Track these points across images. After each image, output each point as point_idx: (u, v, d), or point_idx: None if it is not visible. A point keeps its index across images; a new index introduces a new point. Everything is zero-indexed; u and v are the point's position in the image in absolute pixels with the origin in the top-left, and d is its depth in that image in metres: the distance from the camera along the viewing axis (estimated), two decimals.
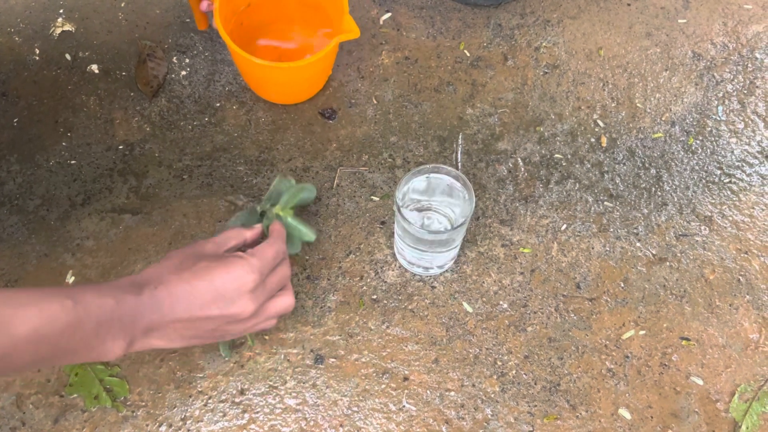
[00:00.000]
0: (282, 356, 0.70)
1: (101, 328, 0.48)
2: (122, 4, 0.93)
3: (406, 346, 0.71)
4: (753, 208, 0.81)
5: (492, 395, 0.69)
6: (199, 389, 0.68)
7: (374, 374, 0.70)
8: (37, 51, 0.88)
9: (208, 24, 0.86)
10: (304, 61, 0.74)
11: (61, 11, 0.92)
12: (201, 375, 0.69)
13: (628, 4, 0.96)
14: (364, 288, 0.74)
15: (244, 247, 0.63)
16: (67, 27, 0.91)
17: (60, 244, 0.75)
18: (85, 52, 0.88)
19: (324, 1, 0.82)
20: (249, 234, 0.63)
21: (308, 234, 0.70)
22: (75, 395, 0.68)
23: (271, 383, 0.69)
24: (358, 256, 0.76)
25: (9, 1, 0.93)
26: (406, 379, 0.70)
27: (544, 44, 0.92)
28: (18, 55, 0.88)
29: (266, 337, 0.71)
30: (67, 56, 0.88)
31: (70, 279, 0.73)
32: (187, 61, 0.88)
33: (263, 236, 0.66)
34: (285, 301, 0.60)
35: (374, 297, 0.74)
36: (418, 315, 0.73)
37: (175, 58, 0.88)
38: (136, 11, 0.92)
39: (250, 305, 0.55)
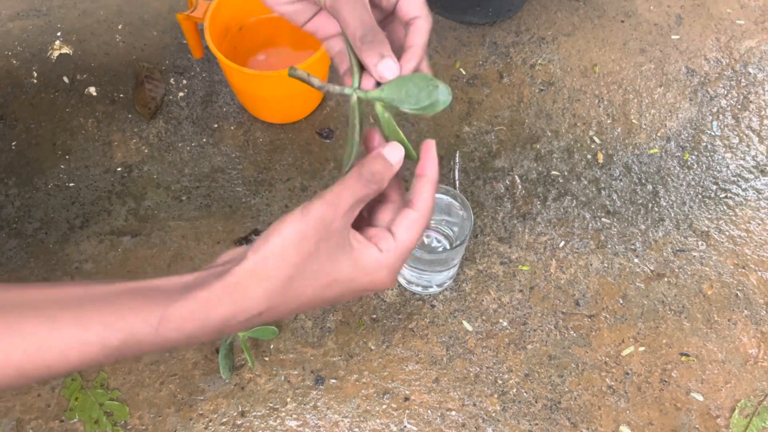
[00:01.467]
0: (282, 378, 0.70)
1: (171, 347, 0.39)
2: (120, 27, 0.93)
3: (407, 366, 0.71)
4: (749, 222, 0.81)
5: (493, 414, 0.69)
6: (200, 412, 0.68)
7: (375, 394, 0.70)
8: (35, 74, 0.89)
9: (203, 52, 0.86)
10: None
11: (59, 34, 0.92)
12: (201, 397, 0.69)
13: (622, 21, 0.97)
14: (364, 308, 0.74)
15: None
16: (65, 50, 0.91)
17: (59, 267, 0.75)
18: (83, 74, 0.89)
19: None
20: (376, 187, 0.42)
21: (443, 95, 0.43)
22: (75, 420, 0.67)
23: (271, 405, 0.69)
24: None
25: (6, 25, 0.93)
26: (406, 399, 0.69)
27: (539, 62, 0.92)
28: (16, 78, 0.88)
29: (266, 359, 0.71)
30: (65, 79, 0.88)
31: None
32: (185, 82, 0.89)
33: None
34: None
35: (374, 317, 0.74)
36: (418, 334, 0.73)
37: (172, 79, 0.89)
38: (133, 33, 0.93)
39: (387, 287, 0.43)
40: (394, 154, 0.43)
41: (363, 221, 0.45)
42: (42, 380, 0.38)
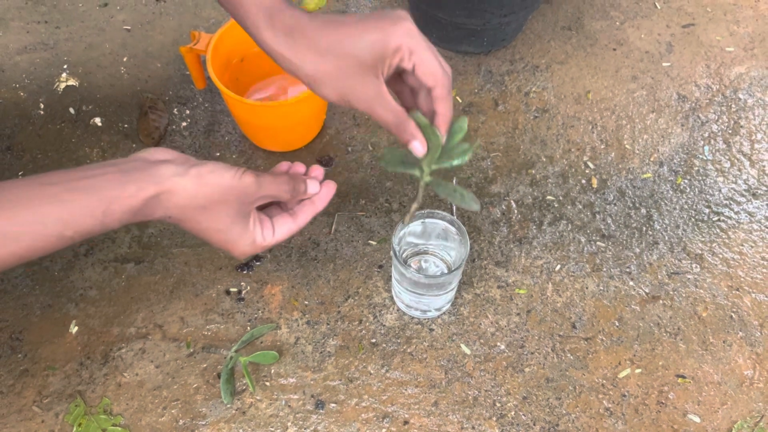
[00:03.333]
0: (283, 402, 0.71)
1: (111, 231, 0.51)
2: (125, 59, 0.96)
3: (406, 390, 0.72)
4: (742, 245, 0.82)
5: None
6: None
7: (375, 418, 0.70)
8: (42, 105, 0.91)
9: (206, 83, 0.89)
10: (294, 100, 0.77)
11: (66, 66, 0.95)
12: (203, 422, 0.70)
13: (614, 49, 0.99)
14: (363, 332, 0.75)
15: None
16: (71, 82, 0.93)
17: (63, 294, 0.77)
18: (89, 105, 0.91)
19: None
20: (288, 196, 0.56)
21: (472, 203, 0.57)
22: None
23: (272, 429, 0.70)
24: (356, 300, 0.77)
25: (14, 58, 0.96)
26: (406, 422, 0.70)
27: (533, 89, 0.94)
28: (23, 109, 0.90)
29: (267, 384, 0.72)
30: (71, 110, 0.91)
31: (74, 329, 0.74)
32: (188, 112, 0.91)
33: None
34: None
35: (373, 341, 0.75)
36: (417, 358, 0.74)
37: (175, 109, 0.91)
38: (138, 65, 0.95)
39: (242, 256, 0.56)
40: (314, 187, 0.58)
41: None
42: (13, 266, 0.47)
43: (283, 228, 0.57)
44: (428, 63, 0.51)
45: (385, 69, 0.51)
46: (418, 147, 0.54)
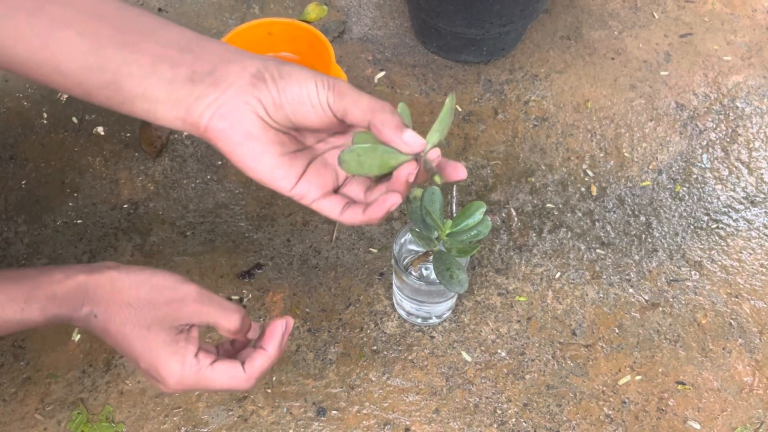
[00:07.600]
0: (284, 409, 0.71)
1: (34, 327, 0.48)
2: None
3: (407, 397, 0.72)
4: (741, 252, 0.83)
5: None
6: None
7: (376, 426, 0.71)
8: (45, 115, 0.92)
9: None
10: None
11: None
12: (205, 430, 0.70)
13: (612, 59, 1.00)
14: (365, 339, 0.76)
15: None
16: None
17: None
18: (91, 114, 0.92)
19: (313, 60, 0.86)
20: (232, 327, 0.51)
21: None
22: None
23: None
24: (357, 307, 0.78)
25: None
26: (407, 430, 0.70)
27: (532, 98, 0.95)
28: (26, 119, 0.91)
29: (269, 391, 0.72)
30: (74, 119, 0.91)
31: (76, 337, 0.75)
32: None
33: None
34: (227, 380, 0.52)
35: (374, 348, 0.75)
36: (418, 365, 0.74)
37: None
38: None
39: (169, 390, 0.51)
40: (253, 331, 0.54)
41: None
42: None
43: (225, 373, 0.50)
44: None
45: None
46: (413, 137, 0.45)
